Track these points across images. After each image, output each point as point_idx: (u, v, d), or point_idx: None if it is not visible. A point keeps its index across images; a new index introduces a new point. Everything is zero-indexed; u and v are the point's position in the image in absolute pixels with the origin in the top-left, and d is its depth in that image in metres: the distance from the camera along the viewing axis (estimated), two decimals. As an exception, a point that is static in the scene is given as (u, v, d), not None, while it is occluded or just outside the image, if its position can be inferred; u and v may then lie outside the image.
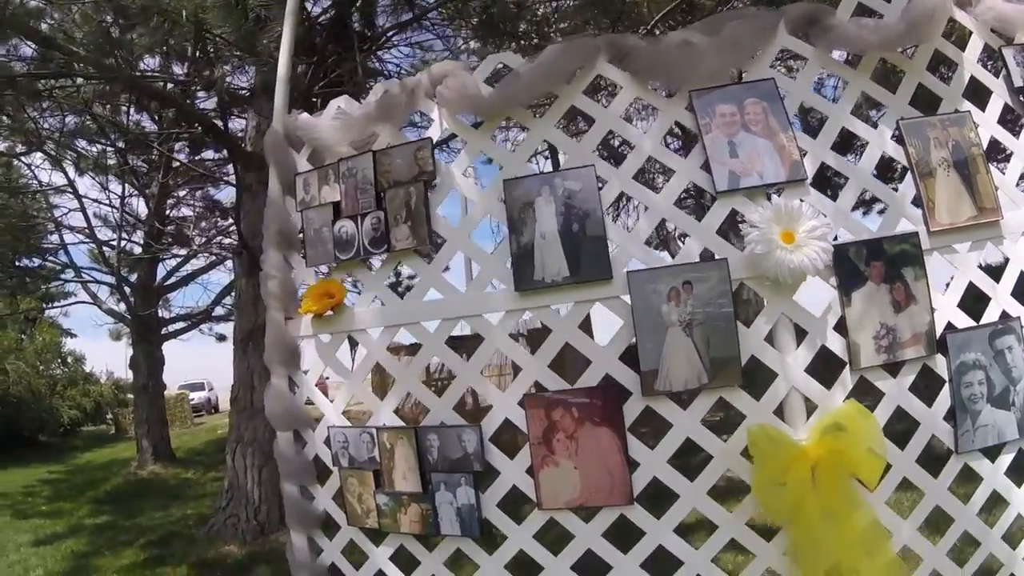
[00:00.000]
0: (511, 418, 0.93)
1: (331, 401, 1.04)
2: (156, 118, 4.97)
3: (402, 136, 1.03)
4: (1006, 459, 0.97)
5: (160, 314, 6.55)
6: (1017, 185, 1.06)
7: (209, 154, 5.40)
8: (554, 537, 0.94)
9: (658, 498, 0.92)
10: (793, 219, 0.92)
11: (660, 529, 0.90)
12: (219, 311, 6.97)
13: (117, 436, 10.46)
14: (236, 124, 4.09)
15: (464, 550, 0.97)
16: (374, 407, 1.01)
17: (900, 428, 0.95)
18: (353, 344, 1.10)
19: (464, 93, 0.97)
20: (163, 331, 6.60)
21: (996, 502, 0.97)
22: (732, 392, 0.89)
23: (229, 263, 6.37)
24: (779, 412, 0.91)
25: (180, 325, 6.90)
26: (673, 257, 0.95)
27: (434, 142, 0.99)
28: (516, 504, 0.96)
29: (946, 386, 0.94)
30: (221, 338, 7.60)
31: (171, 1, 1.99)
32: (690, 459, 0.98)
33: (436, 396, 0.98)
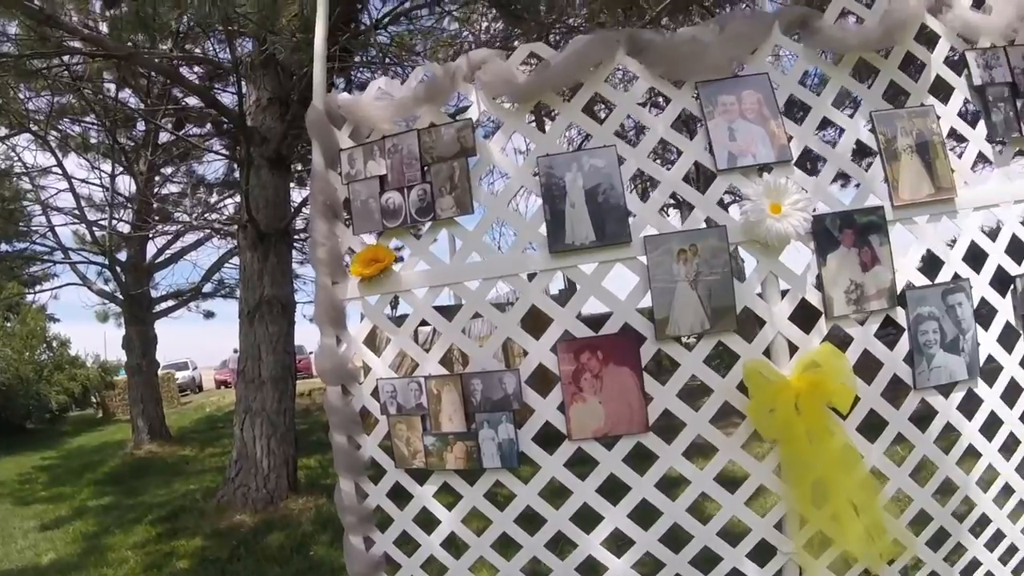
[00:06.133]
0: (544, 362, 1.44)
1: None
2: (147, 94, 6.16)
3: (444, 116, 1.53)
4: (957, 396, 1.55)
5: (150, 293, 7.97)
6: (972, 168, 1.67)
7: (192, 130, 6.83)
8: (580, 466, 1.46)
9: (668, 429, 1.46)
10: (780, 193, 1.47)
11: (671, 453, 1.44)
12: (207, 288, 8.63)
13: (104, 419, 12.56)
14: (224, 99, 5.20)
15: (503, 481, 1.47)
16: (421, 359, 1.51)
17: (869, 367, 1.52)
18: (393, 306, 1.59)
19: (502, 78, 1.48)
20: (154, 310, 8.11)
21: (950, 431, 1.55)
22: (729, 336, 1.44)
23: (217, 240, 7.72)
24: (766, 354, 1.46)
25: (169, 304, 8.46)
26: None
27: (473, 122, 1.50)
28: (548, 439, 1.47)
29: (905, 333, 1.52)
30: (209, 315, 9.76)
31: None
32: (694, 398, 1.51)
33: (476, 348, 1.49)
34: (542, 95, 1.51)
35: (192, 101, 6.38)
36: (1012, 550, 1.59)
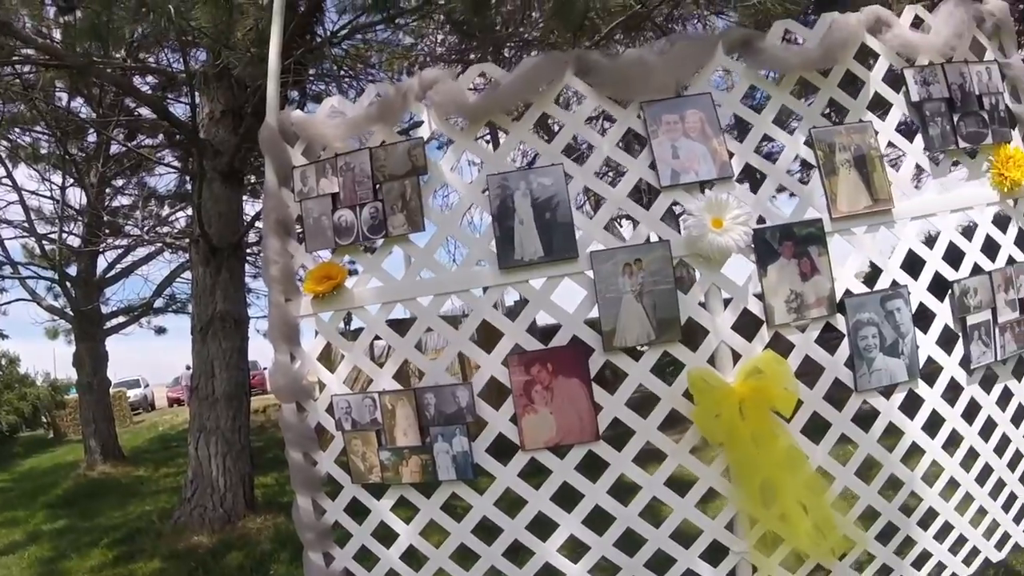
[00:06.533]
0: (496, 375, 1.53)
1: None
2: (98, 104, 6.22)
3: (396, 134, 1.62)
4: (899, 397, 1.68)
5: (101, 309, 8.00)
6: (916, 179, 1.81)
7: (144, 141, 6.95)
8: (535, 476, 1.54)
9: (620, 437, 1.56)
10: (722, 208, 1.58)
11: (621, 460, 1.54)
12: (158, 303, 8.71)
13: (56, 440, 12.62)
14: (177, 109, 5.23)
15: (459, 493, 1.55)
16: (375, 374, 1.58)
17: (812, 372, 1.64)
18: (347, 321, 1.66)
19: (452, 98, 1.57)
20: (104, 326, 8.13)
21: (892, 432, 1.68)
22: (674, 346, 1.54)
23: (168, 254, 8.18)
24: (711, 362, 1.57)
25: (120, 320, 8.55)
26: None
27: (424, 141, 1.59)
28: (502, 450, 1.56)
29: (846, 339, 1.64)
30: (160, 331, 9.79)
31: None
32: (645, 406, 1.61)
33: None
34: (492, 115, 1.60)
35: (144, 112, 6.42)
36: (961, 540, 1.71)
